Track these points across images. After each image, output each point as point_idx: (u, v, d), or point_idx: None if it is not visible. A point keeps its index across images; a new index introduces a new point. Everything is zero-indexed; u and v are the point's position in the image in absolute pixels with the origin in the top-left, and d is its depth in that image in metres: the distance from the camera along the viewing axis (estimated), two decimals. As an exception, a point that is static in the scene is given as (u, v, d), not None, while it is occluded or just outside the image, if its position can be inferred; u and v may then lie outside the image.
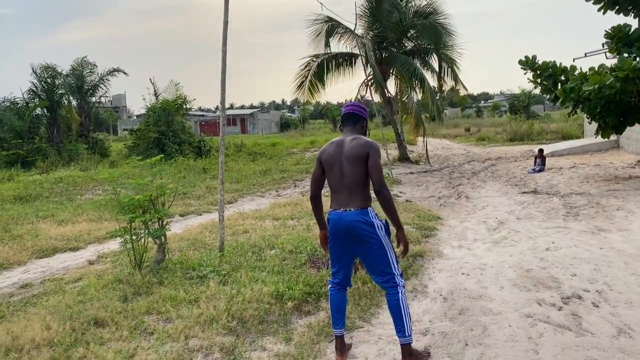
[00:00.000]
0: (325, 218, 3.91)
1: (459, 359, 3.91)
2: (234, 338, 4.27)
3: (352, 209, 3.68)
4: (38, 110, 25.75)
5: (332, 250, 3.87)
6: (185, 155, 22.67)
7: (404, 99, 21.85)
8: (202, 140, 26.50)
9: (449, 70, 20.64)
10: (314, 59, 20.10)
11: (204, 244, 7.41)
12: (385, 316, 4.73)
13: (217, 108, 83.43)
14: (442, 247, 7.23)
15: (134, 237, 5.81)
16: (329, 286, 3.99)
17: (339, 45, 20.18)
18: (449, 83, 21.16)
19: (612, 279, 5.55)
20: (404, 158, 20.78)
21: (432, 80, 20.80)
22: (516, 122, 36.22)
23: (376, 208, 3.87)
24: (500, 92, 78.49)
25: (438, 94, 22.76)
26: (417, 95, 21.27)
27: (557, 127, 31.27)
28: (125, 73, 29.00)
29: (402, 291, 3.77)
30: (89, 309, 4.74)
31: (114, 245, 7.36)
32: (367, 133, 4.12)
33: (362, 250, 3.76)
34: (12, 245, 7.89)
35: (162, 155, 6.97)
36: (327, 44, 19.92)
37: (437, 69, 20.84)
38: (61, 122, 26.11)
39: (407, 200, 11.42)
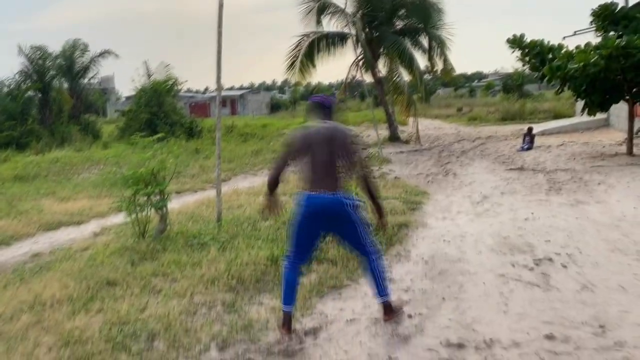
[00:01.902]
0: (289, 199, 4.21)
1: (436, 310, 4.38)
2: (234, 294, 4.73)
3: (334, 192, 3.88)
4: (30, 92, 25.94)
5: (303, 230, 4.03)
6: (177, 136, 22.96)
7: (394, 79, 22.15)
8: (194, 121, 26.81)
9: (439, 49, 20.92)
10: (305, 38, 20.37)
11: (202, 217, 7.85)
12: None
13: (206, 89, 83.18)
14: (426, 219, 7.68)
15: (137, 209, 6.23)
16: (285, 263, 4.13)
17: (329, 25, 20.47)
18: (439, 63, 21.47)
19: (583, 245, 6.01)
20: (394, 138, 21.13)
21: (423, 60, 21.14)
22: (508, 101, 36.59)
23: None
24: (495, 71, 78.36)
25: (431, 74, 23.08)
26: (407, 76, 21.60)
27: (550, 106, 31.67)
28: (116, 55, 29.16)
29: (375, 258, 4.11)
30: (101, 272, 5.23)
31: (116, 219, 7.78)
32: None
33: (342, 229, 4.06)
34: (20, 219, 8.33)
35: (163, 134, 7.37)
36: (318, 22, 20.16)
37: (427, 48, 21.11)
38: (53, 104, 26.31)
39: (395, 178, 11.85)
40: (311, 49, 20.22)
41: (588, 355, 3.51)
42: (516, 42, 13.62)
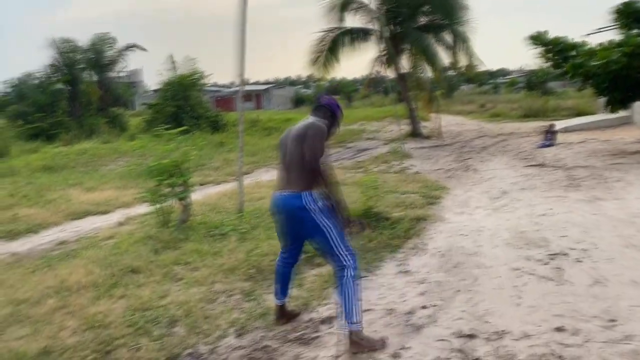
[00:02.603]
0: None
1: (450, 302, 4.46)
2: (252, 283, 4.88)
3: (289, 192, 3.68)
4: (60, 85, 26.55)
5: (280, 230, 3.97)
6: (203, 129, 23.26)
7: (417, 75, 22.10)
8: (219, 114, 27.12)
9: (464, 46, 20.80)
10: (329, 34, 20.45)
11: (224, 208, 8.03)
12: (387, 268, 5.33)
13: (232, 84, 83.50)
14: (444, 213, 7.74)
15: (161, 199, 6.44)
16: (278, 258, 4.12)
17: (353, 20, 20.53)
18: (463, 59, 21.34)
19: (599, 240, 6.00)
20: (416, 133, 21.11)
21: (446, 57, 21.04)
22: (531, 98, 36.13)
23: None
24: (520, 67, 76.97)
25: (454, 71, 22.97)
26: (431, 72, 21.51)
27: (573, 104, 31.23)
28: (143, 49, 29.61)
29: (348, 274, 3.64)
30: (125, 259, 5.45)
31: (141, 209, 8.00)
32: (333, 129, 3.94)
33: (308, 233, 3.74)
34: (48, 209, 8.64)
35: (187, 127, 7.57)
36: (341, 18, 20.22)
37: (451, 44, 21.01)
38: (82, 97, 26.90)
39: (416, 172, 11.93)
40: (335, 44, 20.29)
41: (597, 347, 3.56)
42: (538, 39, 13.52)
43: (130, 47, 29.28)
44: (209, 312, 4.37)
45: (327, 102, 3.97)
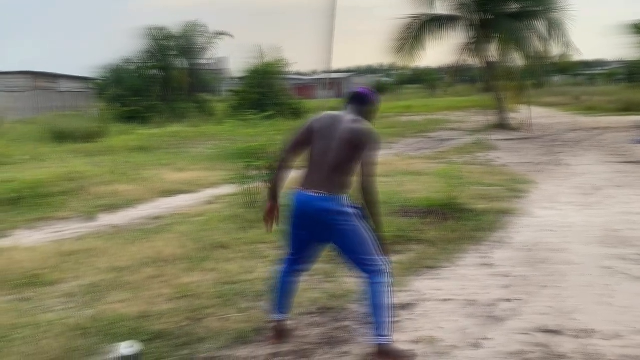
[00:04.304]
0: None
1: (535, 296, 4.35)
2: (333, 265, 4.95)
3: (324, 194, 3.26)
4: (154, 71, 28.11)
5: (294, 232, 3.51)
6: (285, 116, 23.78)
7: (506, 64, 21.34)
8: (300, 102, 27.66)
9: (558, 34, 19.82)
10: (415, 20, 20.15)
11: (306, 192, 8.21)
12: (469, 260, 5.26)
13: (313, 72, 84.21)
14: (532, 207, 7.50)
15: (247, 180, 6.72)
16: (280, 267, 3.68)
17: (437, 6, 20.12)
18: (558, 48, 20.37)
19: None
20: (503, 125, 20.47)
21: (539, 45, 20.15)
22: (632, 90, 33.86)
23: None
24: (621, 59, 72.00)
25: (547, 60, 21.99)
26: (521, 61, 20.70)
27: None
28: (231, 35, 30.57)
29: (387, 280, 3.35)
30: (214, 235, 5.80)
31: (228, 189, 8.34)
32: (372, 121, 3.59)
33: (335, 239, 3.35)
34: (143, 186, 9.28)
35: (272, 112, 7.79)
36: (429, 4, 19.88)
37: (545, 32, 20.10)
38: (173, 82, 28.32)
39: (502, 165, 11.62)
40: (421, 32, 19.98)
41: (698, 354, 3.37)
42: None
43: (219, 34, 30.31)
44: (292, 290, 4.52)
45: (372, 99, 3.57)
